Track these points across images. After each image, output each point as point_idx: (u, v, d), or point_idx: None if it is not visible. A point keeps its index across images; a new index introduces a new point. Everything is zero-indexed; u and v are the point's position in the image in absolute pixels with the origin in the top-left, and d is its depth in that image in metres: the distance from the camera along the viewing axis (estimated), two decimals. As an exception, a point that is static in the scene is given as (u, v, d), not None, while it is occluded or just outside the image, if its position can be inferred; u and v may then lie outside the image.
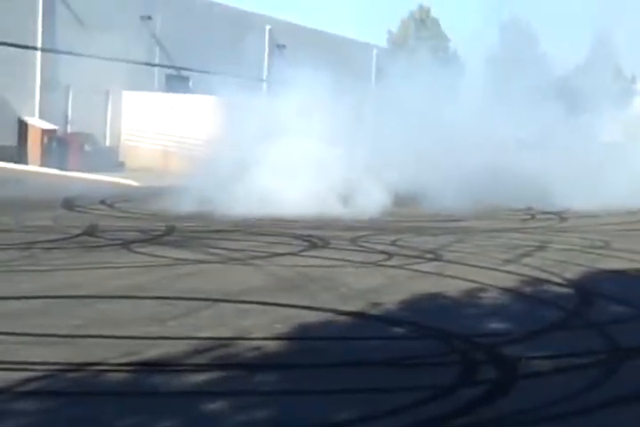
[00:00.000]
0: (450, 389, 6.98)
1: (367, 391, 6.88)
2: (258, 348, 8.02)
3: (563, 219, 21.82)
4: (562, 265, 13.68)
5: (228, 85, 23.32)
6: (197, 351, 7.74)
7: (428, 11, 63.60)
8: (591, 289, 11.67)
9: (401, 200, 22.78)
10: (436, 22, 62.53)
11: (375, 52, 50.45)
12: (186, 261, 12.79)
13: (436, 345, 8.47)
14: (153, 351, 7.69)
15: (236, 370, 7.33)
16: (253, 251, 14.04)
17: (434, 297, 10.72)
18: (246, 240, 15.34)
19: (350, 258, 13.62)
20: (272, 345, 8.13)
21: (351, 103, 22.86)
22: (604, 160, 26.68)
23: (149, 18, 35.97)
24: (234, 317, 9.28)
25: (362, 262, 13.30)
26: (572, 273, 12.95)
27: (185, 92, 36.09)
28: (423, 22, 62.35)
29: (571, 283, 12.16)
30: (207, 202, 19.62)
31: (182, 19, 36.75)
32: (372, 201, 20.95)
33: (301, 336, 8.52)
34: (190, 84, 38.05)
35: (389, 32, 63.03)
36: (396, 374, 7.53)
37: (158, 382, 6.96)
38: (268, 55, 42.17)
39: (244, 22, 39.66)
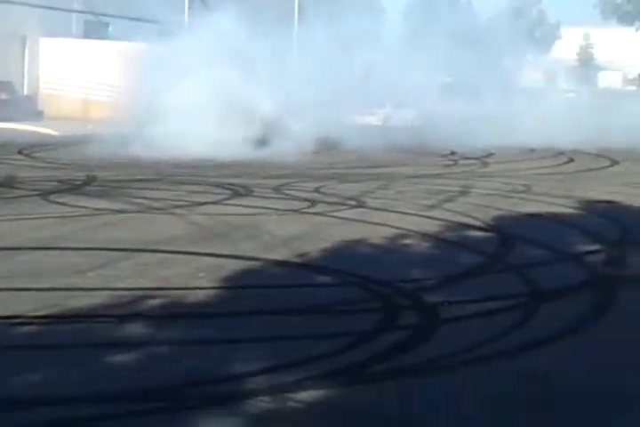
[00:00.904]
0: (370, 335, 7.00)
1: (287, 339, 6.86)
2: (180, 297, 7.95)
3: (485, 164, 21.96)
4: (484, 210, 13.77)
5: (147, 31, 22.95)
6: (117, 302, 7.64)
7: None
8: (512, 233, 11.77)
9: (323, 147, 22.73)
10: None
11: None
12: (106, 211, 12.60)
13: (358, 292, 8.48)
14: (71, 303, 7.57)
15: (155, 320, 7.25)
16: (175, 200, 13.89)
17: (356, 244, 10.72)
18: (168, 189, 15.16)
19: (273, 206, 13.55)
20: (194, 294, 8.06)
21: (271, 47, 22.63)
22: (520, 104, 27.02)
23: (66, -39, 34.96)
24: (155, 266, 9.17)
25: (285, 210, 13.25)
26: (493, 218, 13.06)
27: (104, 39, 35.29)
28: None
29: (492, 227, 12.27)
30: (125, 149, 19.43)
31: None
32: (291, 146, 20.83)
33: (224, 285, 8.45)
34: (110, 29, 37.22)
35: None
36: (318, 321, 7.53)
37: (73, 335, 6.85)
38: (189, 0, 41.40)
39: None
